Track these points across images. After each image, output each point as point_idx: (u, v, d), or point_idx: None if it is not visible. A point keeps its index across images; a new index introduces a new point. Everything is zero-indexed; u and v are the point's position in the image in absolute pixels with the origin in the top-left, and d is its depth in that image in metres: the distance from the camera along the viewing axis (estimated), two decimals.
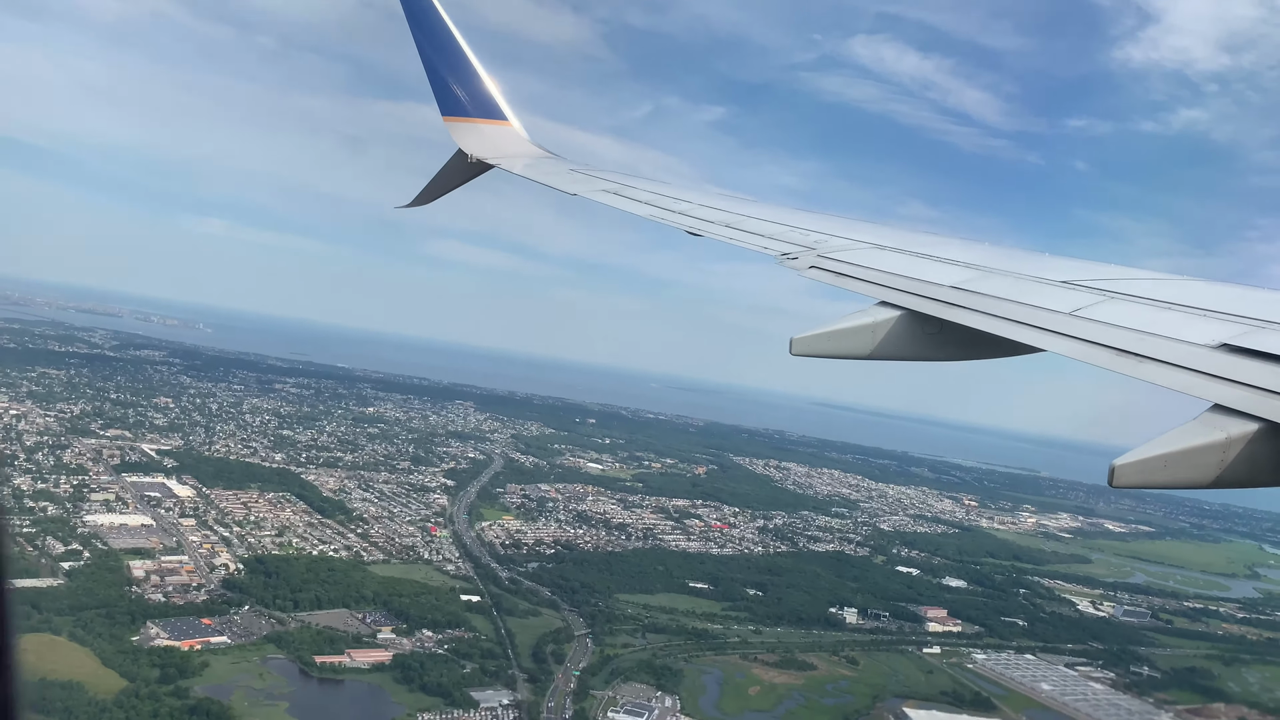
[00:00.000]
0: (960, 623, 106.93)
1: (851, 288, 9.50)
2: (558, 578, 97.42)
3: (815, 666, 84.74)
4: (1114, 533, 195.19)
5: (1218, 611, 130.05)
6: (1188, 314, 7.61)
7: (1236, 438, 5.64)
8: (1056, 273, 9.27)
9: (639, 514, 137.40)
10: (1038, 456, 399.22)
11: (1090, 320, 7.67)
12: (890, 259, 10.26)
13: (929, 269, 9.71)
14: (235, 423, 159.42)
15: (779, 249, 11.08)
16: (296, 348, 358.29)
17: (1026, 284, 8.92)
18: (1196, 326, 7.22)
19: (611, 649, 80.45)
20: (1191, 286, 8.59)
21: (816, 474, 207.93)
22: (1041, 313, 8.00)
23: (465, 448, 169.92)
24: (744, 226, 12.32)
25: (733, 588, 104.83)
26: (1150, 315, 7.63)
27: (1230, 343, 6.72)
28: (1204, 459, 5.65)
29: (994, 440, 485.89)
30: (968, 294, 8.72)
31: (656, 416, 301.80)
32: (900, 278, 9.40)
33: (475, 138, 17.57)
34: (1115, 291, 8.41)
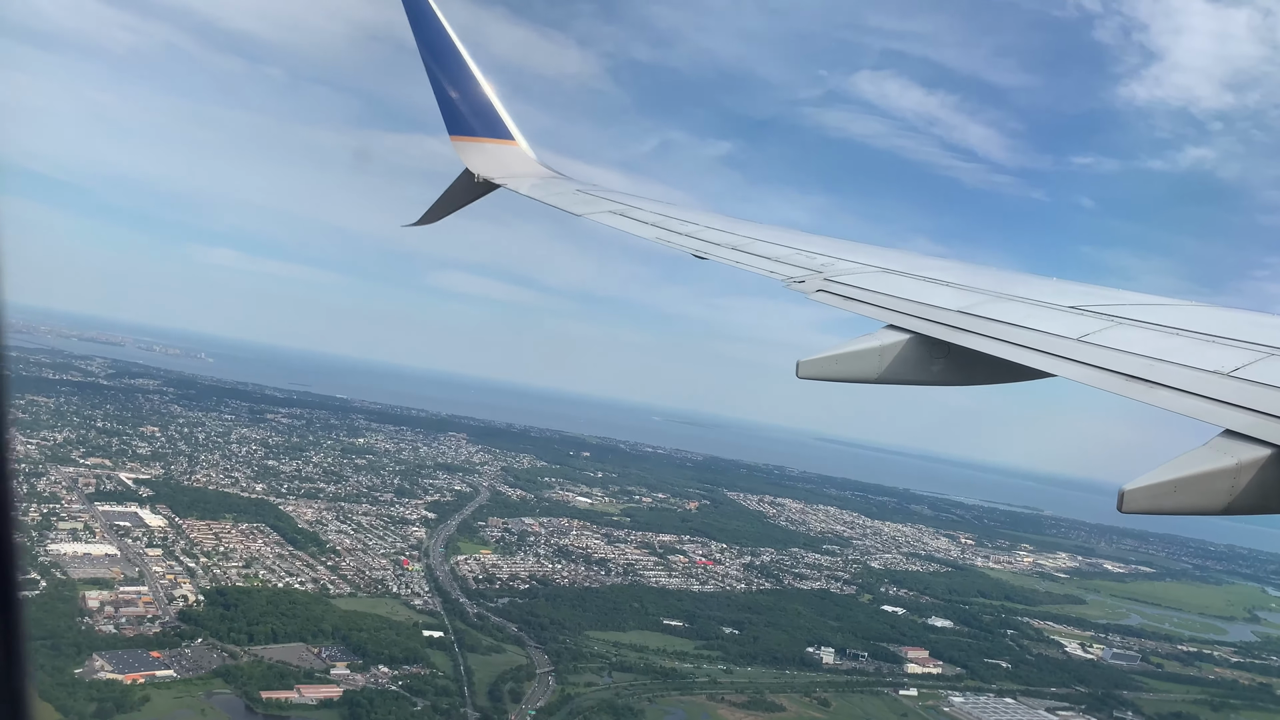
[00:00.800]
0: (942, 664, 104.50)
1: (858, 311, 9.48)
2: (528, 614, 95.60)
3: (784, 708, 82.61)
4: (1112, 573, 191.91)
5: (1211, 655, 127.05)
6: (1197, 340, 7.54)
7: (1247, 463, 5.55)
8: (1064, 298, 9.21)
9: (622, 549, 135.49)
10: (1042, 494, 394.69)
11: (1099, 346, 7.59)
12: (897, 283, 10.23)
13: (936, 293, 9.65)
14: (220, 452, 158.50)
15: (785, 272, 11.00)
16: (296, 378, 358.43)
17: (1033, 309, 8.87)
18: (1206, 353, 7.14)
19: (573, 688, 78.53)
20: (1199, 312, 8.62)
21: (812, 510, 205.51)
22: (1049, 338, 7.93)
23: (452, 480, 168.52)
24: (750, 249, 12.21)
25: (709, 626, 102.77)
26: (1159, 341, 7.57)
27: (1241, 368, 6.66)
28: (1214, 485, 5.57)
29: (998, 478, 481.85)
30: (975, 318, 8.65)
31: (655, 450, 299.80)
32: (907, 301, 9.36)
33: (482, 157, 17.48)
34: (1123, 317, 8.33)
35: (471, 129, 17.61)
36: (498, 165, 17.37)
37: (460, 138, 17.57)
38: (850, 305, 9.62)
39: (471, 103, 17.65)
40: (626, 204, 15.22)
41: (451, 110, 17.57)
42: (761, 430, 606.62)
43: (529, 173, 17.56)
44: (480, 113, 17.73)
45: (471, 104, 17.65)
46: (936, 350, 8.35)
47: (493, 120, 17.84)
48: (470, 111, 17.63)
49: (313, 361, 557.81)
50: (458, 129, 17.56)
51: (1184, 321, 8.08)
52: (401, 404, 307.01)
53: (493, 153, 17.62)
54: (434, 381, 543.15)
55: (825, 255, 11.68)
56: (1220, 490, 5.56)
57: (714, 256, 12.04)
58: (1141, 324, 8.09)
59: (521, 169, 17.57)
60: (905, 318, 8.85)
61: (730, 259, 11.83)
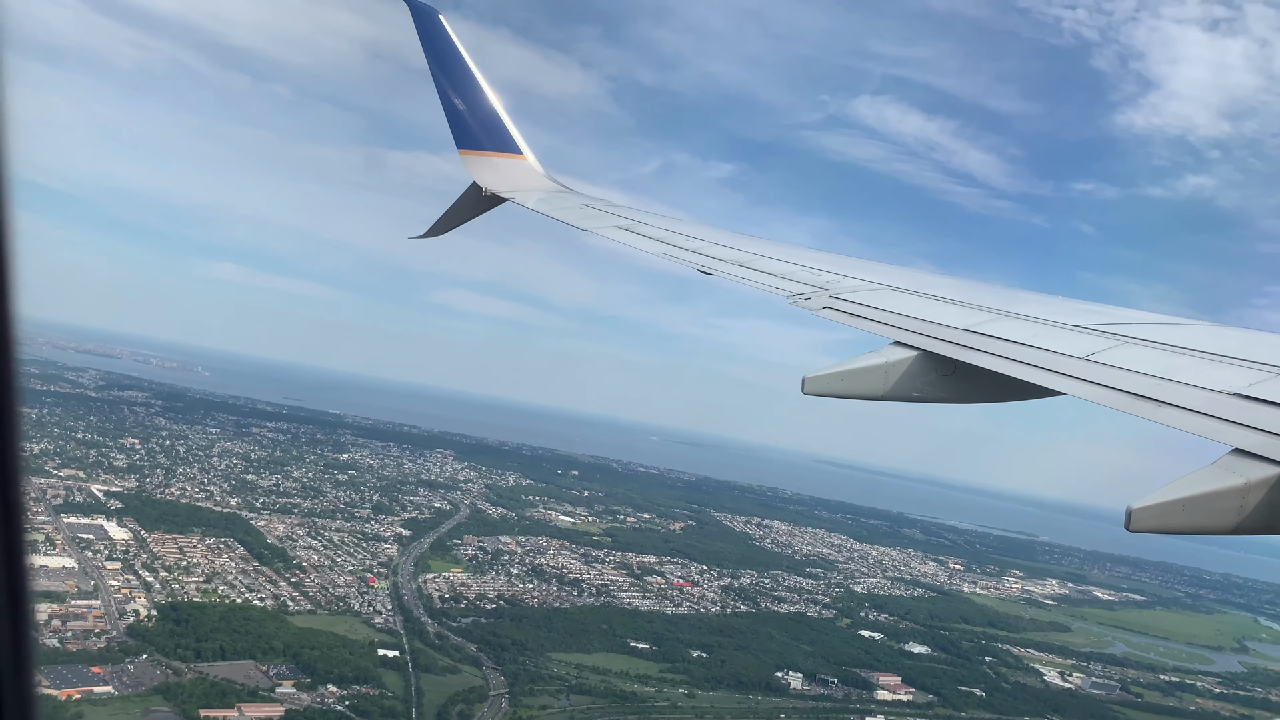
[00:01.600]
0: (914, 691, 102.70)
1: (864, 328, 9.50)
2: (490, 634, 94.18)
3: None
4: (1102, 600, 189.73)
5: (1194, 685, 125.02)
6: (1204, 359, 7.52)
7: (1256, 483, 5.51)
8: (1069, 316, 9.22)
9: (599, 569, 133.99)
10: (1039, 520, 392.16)
11: (1106, 365, 7.58)
12: (903, 300, 10.22)
13: (941, 311, 9.65)
14: (199, 466, 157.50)
15: (791, 289, 11.01)
16: (291, 393, 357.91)
17: (1039, 327, 8.87)
18: (1213, 372, 7.13)
19: (527, 710, 77.06)
20: (1206, 331, 8.60)
21: (800, 533, 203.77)
22: (1056, 357, 7.92)
23: (433, 497, 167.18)
24: (756, 266, 12.23)
25: (677, 649, 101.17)
26: (1166, 360, 7.56)
27: (1248, 388, 6.66)
28: (1223, 504, 5.51)
29: (996, 502, 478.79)
30: (981, 336, 8.64)
31: (647, 470, 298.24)
32: (913, 319, 9.35)
33: (489, 171, 17.62)
34: (1129, 336, 8.31)
35: (480, 143, 17.76)
36: (505, 179, 17.50)
37: (468, 152, 17.72)
38: (856, 322, 9.66)
39: (480, 117, 17.83)
40: (633, 219, 15.21)
41: (460, 125, 17.73)
42: (760, 451, 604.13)
43: (536, 187, 17.66)
44: (488, 127, 17.88)
45: (480, 118, 17.83)
46: (943, 367, 8.33)
47: (501, 135, 17.98)
48: (478, 126, 17.80)
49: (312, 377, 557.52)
50: (466, 143, 17.71)
51: (1190, 341, 8.04)
52: (394, 420, 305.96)
53: (500, 167, 17.76)
54: (432, 398, 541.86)
55: (831, 272, 11.68)
56: (1229, 509, 5.52)
57: (720, 273, 12.08)
58: (1148, 343, 8.07)
59: (529, 183, 17.68)
60: (911, 335, 8.84)
61: (736, 275, 11.86)
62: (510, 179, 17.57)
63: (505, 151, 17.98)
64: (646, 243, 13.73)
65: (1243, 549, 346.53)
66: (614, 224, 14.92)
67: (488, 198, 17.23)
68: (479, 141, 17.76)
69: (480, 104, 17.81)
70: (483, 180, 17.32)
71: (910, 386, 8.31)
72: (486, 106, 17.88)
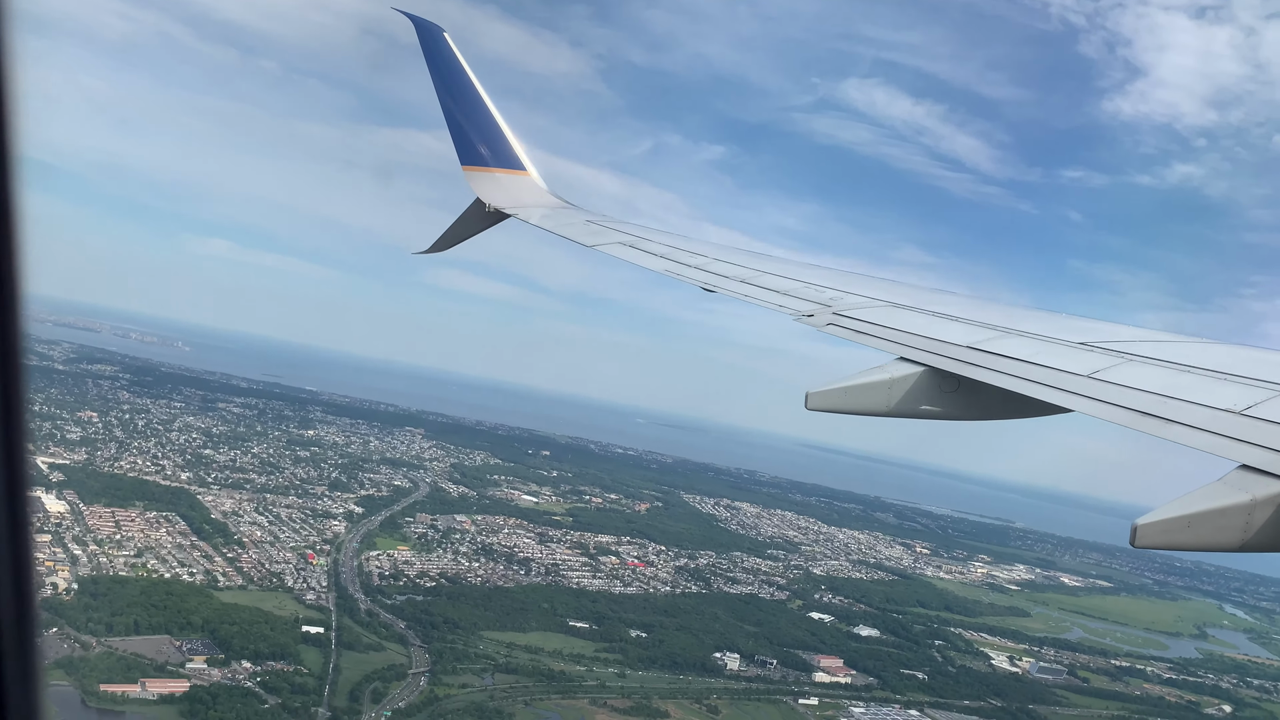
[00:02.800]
0: (854, 673, 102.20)
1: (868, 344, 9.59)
2: (424, 612, 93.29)
3: (669, 714, 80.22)
4: (1067, 586, 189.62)
5: (1144, 671, 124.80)
6: (1207, 377, 7.58)
7: (1263, 500, 5.52)
8: (1072, 334, 9.30)
9: (552, 549, 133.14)
10: (1018, 506, 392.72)
11: (1110, 383, 7.64)
12: (906, 318, 10.33)
13: (945, 329, 9.73)
14: (156, 440, 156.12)
15: (795, 306, 11.15)
16: (271, 369, 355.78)
17: (1043, 345, 8.95)
18: (1217, 390, 7.19)
19: (446, 689, 76.20)
20: (1209, 349, 8.64)
21: (768, 515, 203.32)
22: (1060, 375, 7.99)
23: (394, 475, 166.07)
24: (759, 283, 12.40)
25: (617, 628, 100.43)
26: (1170, 379, 7.61)
27: (1253, 407, 6.69)
28: (1229, 521, 5.53)
29: (977, 488, 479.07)
30: (984, 354, 8.71)
31: (625, 451, 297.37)
32: (916, 336, 9.44)
33: (493, 187, 17.85)
34: (1132, 354, 8.38)
35: (483, 159, 18.02)
36: (509, 195, 17.77)
37: (472, 168, 17.97)
38: (860, 339, 9.76)
39: (483, 133, 18.07)
40: (636, 235, 15.51)
41: (464, 141, 17.98)
42: (746, 435, 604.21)
43: (540, 203, 17.96)
44: (492, 143, 18.14)
45: (483, 135, 18.07)
46: (947, 384, 8.36)
47: (505, 151, 18.25)
48: (482, 142, 18.05)
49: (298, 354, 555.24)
50: (470, 159, 17.97)
51: (1194, 359, 8.08)
52: (372, 398, 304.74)
53: (504, 183, 18.00)
54: (417, 378, 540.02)
55: (834, 289, 11.78)
56: (1234, 527, 5.51)
57: (723, 290, 12.25)
58: (1151, 360, 8.13)
59: (532, 199, 17.96)
60: (915, 353, 8.87)
61: (739, 292, 12.03)
62: (514, 195, 17.81)
63: (509, 168, 18.24)
64: (650, 259, 13.94)
65: None
66: (617, 240, 15.19)
67: (491, 214, 17.47)
68: (483, 158, 18.00)
69: (484, 120, 18.07)
70: (486, 196, 17.54)
71: (914, 403, 8.35)
72: (490, 123, 18.14)
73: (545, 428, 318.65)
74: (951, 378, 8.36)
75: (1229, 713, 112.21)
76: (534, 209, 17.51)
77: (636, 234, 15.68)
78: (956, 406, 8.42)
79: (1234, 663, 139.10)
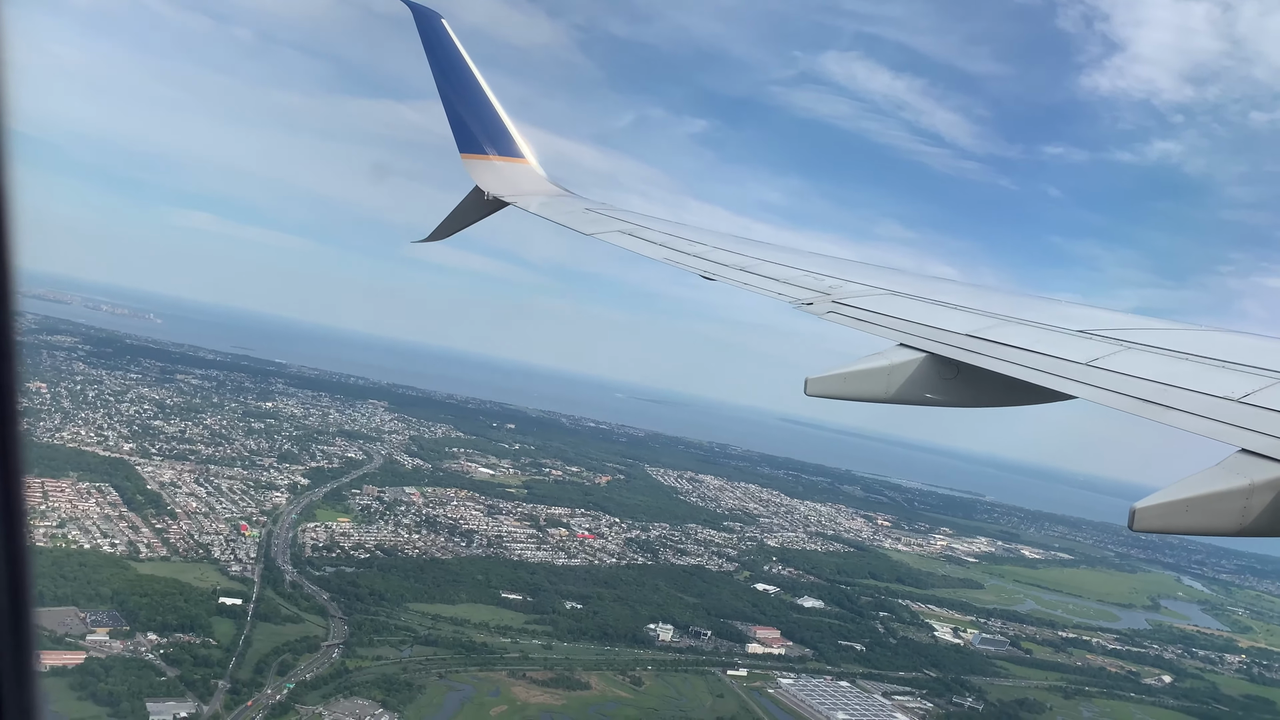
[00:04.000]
0: (790, 644, 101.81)
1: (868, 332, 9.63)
2: (351, 584, 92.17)
3: (590, 686, 79.47)
4: (1027, 559, 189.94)
5: (1089, 642, 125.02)
6: (1206, 365, 7.65)
7: (1261, 484, 5.55)
8: (1071, 322, 9.35)
9: (500, 521, 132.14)
10: (992, 480, 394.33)
11: (1109, 371, 7.71)
12: (905, 305, 10.38)
13: (944, 316, 9.77)
14: (105, 411, 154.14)
15: (794, 294, 11.19)
16: (244, 342, 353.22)
17: (1042, 333, 8.95)
18: (1216, 378, 7.26)
19: (361, 661, 75.18)
20: (1206, 336, 8.70)
21: (731, 487, 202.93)
22: (1059, 363, 8.01)
23: (349, 447, 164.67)
24: (758, 270, 12.45)
25: (552, 600, 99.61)
26: (1169, 366, 7.67)
27: (1251, 394, 6.74)
28: (1227, 505, 5.55)
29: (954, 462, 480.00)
30: (984, 342, 8.71)
31: (598, 425, 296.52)
32: (916, 324, 9.45)
33: (492, 175, 17.79)
34: (1131, 341, 8.42)
35: (482, 147, 17.97)
36: (508, 183, 17.70)
37: (471, 155, 17.94)
38: (860, 327, 9.80)
39: (482, 121, 18.01)
40: (635, 223, 15.50)
41: (462, 128, 17.91)
42: (727, 409, 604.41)
43: (539, 191, 17.93)
44: (491, 131, 18.08)
45: (482, 123, 18.01)
46: (946, 371, 8.36)
47: (503, 138, 18.20)
48: (481, 130, 17.99)
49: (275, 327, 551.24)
50: (468, 147, 17.93)
51: (1192, 346, 8.12)
52: (343, 371, 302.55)
53: (503, 171, 17.98)
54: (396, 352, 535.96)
55: (833, 277, 11.85)
56: (1233, 511, 5.52)
57: (722, 278, 12.29)
58: (1150, 348, 8.17)
59: (531, 187, 17.94)
60: (914, 340, 8.89)
61: (739, 280, 12.07)
62: (513, 183, 17.77)
63: (508, 155, 18.21)
64: (649, 247, 13.98)
65: None
66: (617, 228, 15.19)
67: (490, 202, 17.35)
68: (481, 145, 17.95)
69: (482, 108, 18.00)
70: (485, 184, 17.45)
71: (914, 390, 8.34)
72: (489, 110, 18.06)
73: (519, 402, 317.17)
74: (951, 364, 8.36)
75: (1168, 683, 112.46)
76: (532, 197, 17.47)
77: (635, 222, 15.66)
78: (956, 393, 8.43)
79: (1182, 634, 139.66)
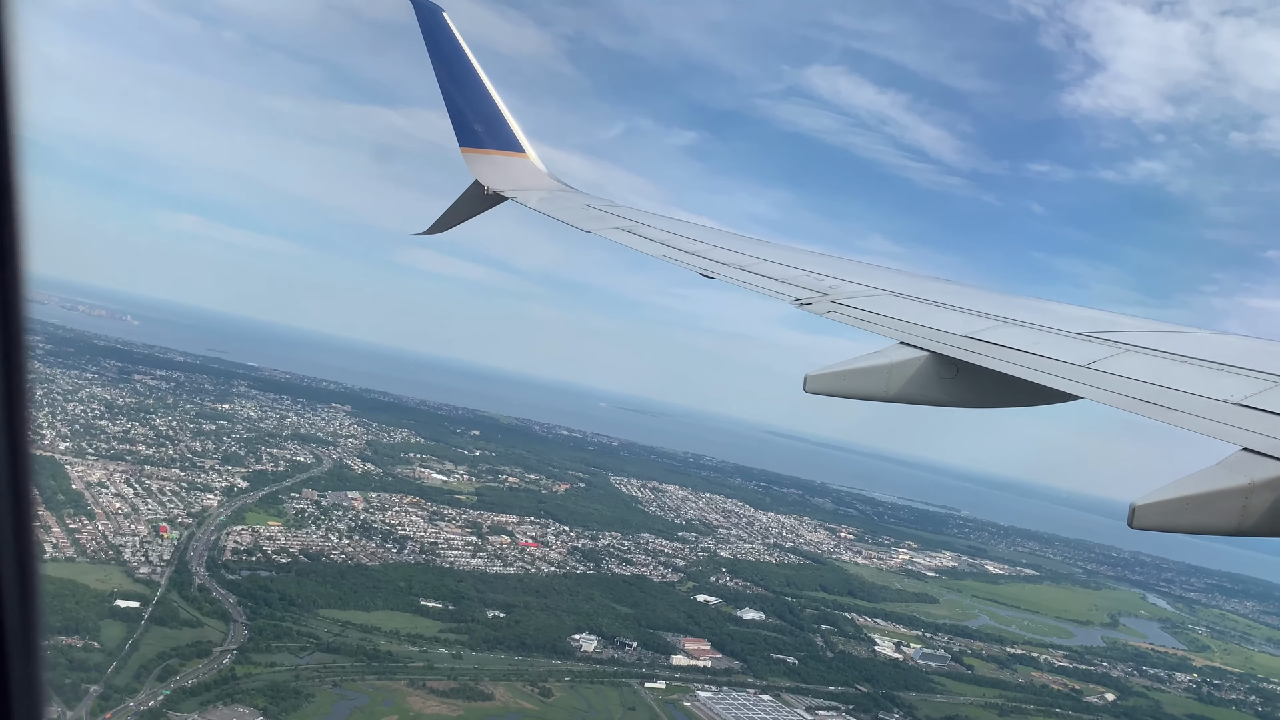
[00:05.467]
0: (720, 656, 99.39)
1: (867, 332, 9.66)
2: (263, 588, 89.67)
3: (494, 697, 77.00)
4: (990, 574, 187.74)
5: (1036, 659, 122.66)
6: (1205, 368, 7.62)
7: (1261, 484, 5.54)
8: (1070, 323, 9.35)
9: (440, 528, 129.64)
10: (972, 495, 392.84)
11: (1108, 373, 7.68)
12: (903, 306, 10.38)
13: (943, 318, 9.78)
14: (49, 410, 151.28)
15: (792, 294, 11.10)
16: (220, 345, 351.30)
17: (1040, 334, 8.93)
18: (1215, 381, 7.24)
19: (253, 668, 72.64)
20: (1204, 339, 8.76)
21: (695, 498, 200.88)
22: (1058, 365, 8.01)
23: (299, 450, 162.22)
24: (757, 269, 12.32)
25: (474, 608, 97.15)
26: (1167, 369, 7.63)
27: (1250, 397, 6.73)
28: (1227, 504, 5.54)
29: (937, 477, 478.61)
30: (982, 343, 8.72)
31: (571, 433, 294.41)
32: (914, 325, 9.43)
33: (492, 169, 17.67)
34: (1130, 344, 8.43)
35: (482, 141, 17.83)
36: (507, 177, 17.60)
37: (471, 150, 17.78)
38: (860, 327, 9.76)
39: (482, 115, 17.88)
40: (634, 220, 15.32)
41: (463, 123, 17.76)
42: (711, 420, 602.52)
43: (538, 186, 17.77)
44: (491, 125, 17.96)
45: (482, 116, 17.88)
46: (946, 370, 8.37)
47: (503, 133, 18.08)
48: (481, 124, 17.86)
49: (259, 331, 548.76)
50: (468, 141, 17.78)
51: (1190, 349, 8.13)
52: (316, 375, 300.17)
53: (503, 165, 17.86)
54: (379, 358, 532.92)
55: (832, 277, 11.79)
56: (1232, 510, 5.51)
57: (721, 276, 12.15)
58: (1148, 351, 8.19)
59: (531, 182, 17.82)
60: (914, 341, 8.86)
61: (737, 279, 11.93)
62: (512, 177, 17.66)
63: (508, 150, 18.08)
64: (648, 244, 13.83)
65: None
66: (615, 225, 15.01)
67: (490, 196, 17.25)
68: (481, 139, 17.80)
69: (483, 102, 17.84)
70: (485, 178, 17.35)
71: (913, 389, 8.28)
72: (489, 104, 17.89)
73: (494, 409, 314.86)
74: (951, 364, 8.31)
75: (1111, 700, 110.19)
76: (532, 192, 17.26)
77: (634, 219, 15.40)
78: (955, 393, 8.35)
79: (1135, 651, 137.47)
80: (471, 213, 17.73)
